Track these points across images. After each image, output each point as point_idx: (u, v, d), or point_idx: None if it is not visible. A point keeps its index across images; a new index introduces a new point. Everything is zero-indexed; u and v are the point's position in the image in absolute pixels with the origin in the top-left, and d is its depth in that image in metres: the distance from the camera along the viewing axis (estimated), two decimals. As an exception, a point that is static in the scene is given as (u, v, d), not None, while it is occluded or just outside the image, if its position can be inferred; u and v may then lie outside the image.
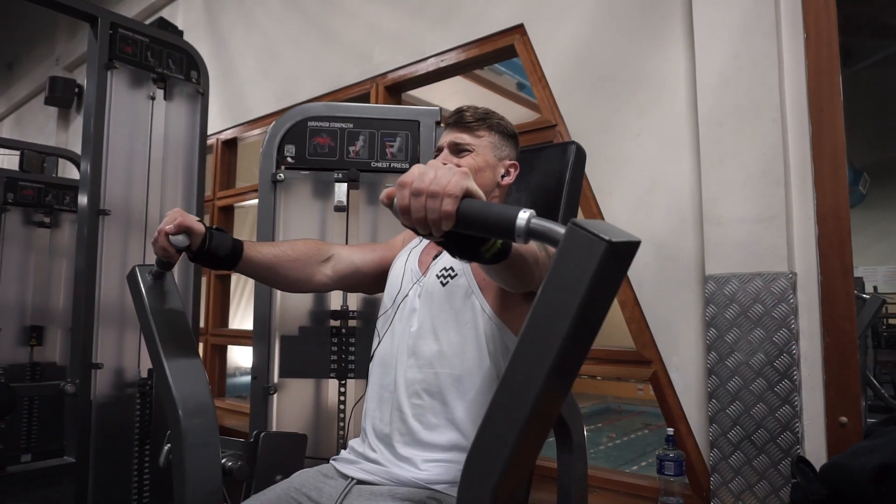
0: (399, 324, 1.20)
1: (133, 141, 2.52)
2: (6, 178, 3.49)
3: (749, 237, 1.65)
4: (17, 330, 3.53)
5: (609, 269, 0.57)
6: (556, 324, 0.58)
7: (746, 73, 1.69)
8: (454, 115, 1.29)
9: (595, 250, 0.55)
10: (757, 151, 1.65)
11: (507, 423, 0.62)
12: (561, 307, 0.58)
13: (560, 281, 0.58)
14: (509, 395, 0.63)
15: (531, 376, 0.60)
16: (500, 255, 0.75)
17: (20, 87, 6.43)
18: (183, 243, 1.10)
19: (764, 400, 1.59)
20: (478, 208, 0.68)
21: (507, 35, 2.35)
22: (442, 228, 0.68)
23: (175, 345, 1.16)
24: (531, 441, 0.65)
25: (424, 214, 0.68)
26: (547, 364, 0.59)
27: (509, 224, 0.64)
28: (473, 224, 0.68)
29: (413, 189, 0.68)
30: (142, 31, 2.53)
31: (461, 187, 0.68)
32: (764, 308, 1.60)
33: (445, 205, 0.67)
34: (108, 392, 2.36)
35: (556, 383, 0.61)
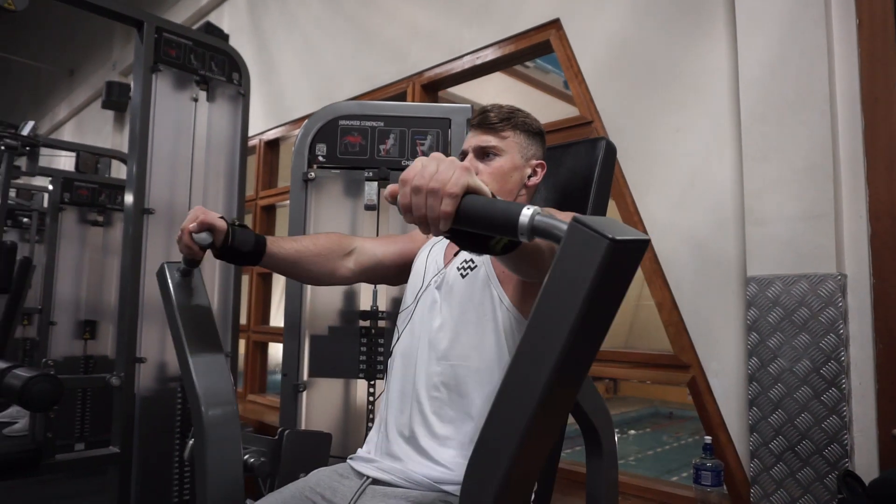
0: (419, 317, 1.19)
1: (177, 142, 2.58)
2: (63, 178, 3.65)
3: (794, 236, 1.56)
4: (72, 324, 3.69)
5: (613, 268, 0.53)
6: (559, 325, 0.56)
7: (793, 64, 1.60)
8: (478, 116, 1.27)
9: (597, 249, 0.53)
10: (804, 146, 1.56)
11: (509, 425, 0.60)
12: (563, 308, 0.55)
13: (562, 281, 0.56)
14: (510, 397, 0.61)
15: (533, 378, 0.58)
16: (511, 246, 0.72)
17: (80, 92, 6.74)
18: (206, 240, 1.10)
19: (809, 409, 1.50)
20: (480, 206, 0.66)
21: (543, 30, 2.30)
22: (441, 228, 0.67)
23: (200, 340, 1.17)
24: (536, 442, 0.62)
25: (425, 212, 0.67)
26: (549, 366, 0.57)
27: (512, 222, 0.62)
28: (475, 222, 0.66)
29: (413, 186, 0.67)
30: (185, 34, 2.59)
31: (461, 185, 0.66)
32: (810, 312, 1.52)
33: (445, 205, 0.65)
34: (151, 385, 2.42)
35: (560, 385, 0.59)
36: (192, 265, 1.18)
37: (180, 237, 1.12)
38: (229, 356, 2.66)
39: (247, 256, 1.18)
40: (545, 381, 0.57)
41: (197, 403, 1.11)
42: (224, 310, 2.70)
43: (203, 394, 1.12)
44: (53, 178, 3.65)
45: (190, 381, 1.13)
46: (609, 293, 0.56)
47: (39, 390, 2.11)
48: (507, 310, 1.10)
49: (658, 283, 1.87)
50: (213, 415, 1.13)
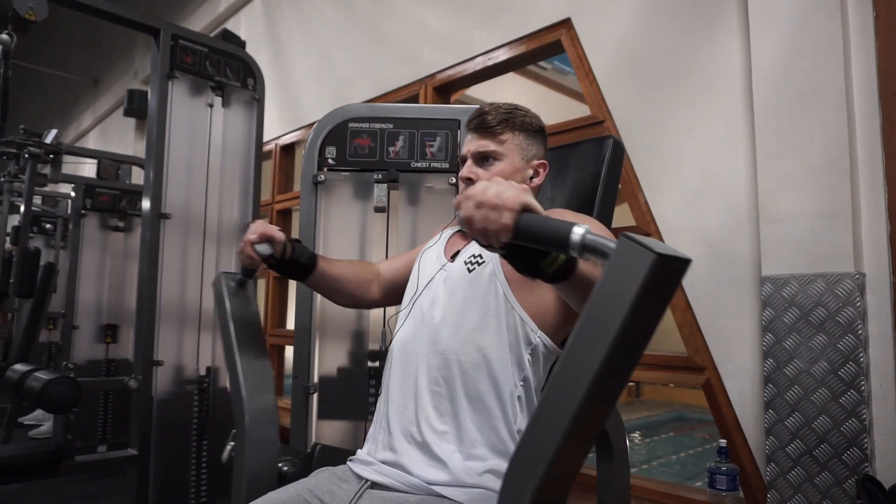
0: (421, 311, 1.18)
1: (192, 147, 2.61)
2: (85, 185, 3.73)
3: (810, 235, 1.52)
4: (94, 328, 3.76)
5: (657, 283, 0.56)
6: (602, 335, 0.58)
7: (807, 58, 1.56)
8: (476, 119, 1.24)
9: (643, 262, 0.56)
10: (819, 142, 1.53)
11: (548, 433, 0.62)
12: (608, 318, 0.58)
13: (608, 292, 0.58)
14: (552, 405, 0.62)
15: (575, 386, 0.60)
16: (562, 274, 0.77)
17: (104, 101, 6.88)
18: (266, 251, 1.17)
19: (827, 412, 1.46)
20: (535, 221, 0.72)
21: (554, 30, 2.29)
22: (501, 239, 0.73)
23: (250, 349, 1.22)
24: (573, 453, 0.64)
25: (485, 225, 0.73)
26: (591, 374, 0.59)
27: (564, 237, 0.66)
28: (530, 236, 0.71)
29: (476, 201, 0.74)
30: (201, 41, 2.63)
31: (520, 202, 0.72)
32: (827, 312, 1.48)
33: (504, 217, 0.71)
34: (169, 388, 2.45)
35: (600, 395, 0.60)
36: (248, 276, 1.25)
37: (242, 248, 1.18)
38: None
39: (302, 269, 1.26)
40: (586, 389, 0.59)
41: (241, 410, 1.15)
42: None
43: (248, 401, 1.15)
44: (76, 185, 3.73)
45: (237, 387, 1.17)
46: (651, 307, 0.59)
47: (59, 393, 2.16)
48: (513, 308, 1.09)
49: (671, 283, 1.83)
50: (256, 423, 1.16)
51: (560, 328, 1.12)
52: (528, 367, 1.08)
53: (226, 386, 2.63)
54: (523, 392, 1.08)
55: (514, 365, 1.08)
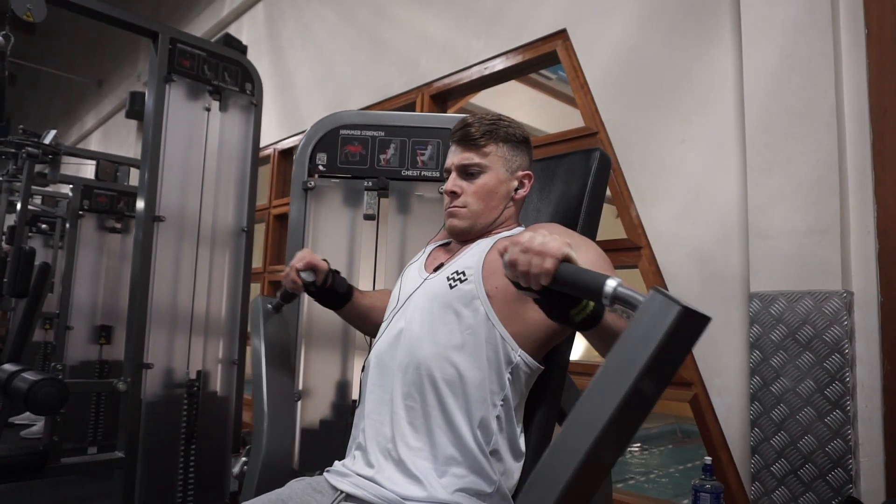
0: (399, 323, 1.17)
1: (189, 150, 2.60)
2: (83, 186, 3.73)
3: (798, 251, 1.51)
4: (88, 329, 3.75)
5: (680, 333, 0.60)
6: (622, 378, 0.61)
7: (798, 74, 1.56)
8: (459, 131, 1.23)
9: (670, 312, 0.60)
10: (809, 158, 1.52)
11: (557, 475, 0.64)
12: (629, 363, 0.61)
13: (634, 338, 0.62)
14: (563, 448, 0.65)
15: (589, 428, 0.62)
16: (589, 322, 0.83)
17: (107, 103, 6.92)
18: (310, 279, 1.26)
19: (812, 431, 1.44)
20: (573, 270, 0.78)
21: (549, 41, 2.29)
22: (540, 282, 0.79)
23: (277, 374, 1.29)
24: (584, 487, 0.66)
25: (528, 269, 0.79)
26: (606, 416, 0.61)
27: (598, 286, 0.72)
28: (567, 283, 0.78)
29: (523, 247, 0.81)
30: (199, 45, 2.63)
31: (563, 252, 0.78)
32: (814, 330, 1.46)
33: (547, 262, 0.78)
34: (158, 391, 2.44)
35: (612, 438, 0.63)
36: (287, 300, 1.34)
37: (287, 273, 1.26)
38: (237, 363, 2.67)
39: (339, 298, 1.33)
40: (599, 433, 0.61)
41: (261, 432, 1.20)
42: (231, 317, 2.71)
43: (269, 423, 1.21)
44: (74, 186, 3.73)
45: (260, 409, 1.25)
46: (670, 358, 0.61)
47: (45, 394, 2.14)
48: (493, 326, 1.08)
49: (661, 297, 1.82)
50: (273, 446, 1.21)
51: (541, 346, 1.11)
52: (507, 386, 1.07)
53: (216, 390, 2.62)
54: (502, 412, 1.07)
55: (493, 384, 1.07)
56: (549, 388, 1.19)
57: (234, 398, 2.66)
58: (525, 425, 1.16)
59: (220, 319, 2.66)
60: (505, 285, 1.05)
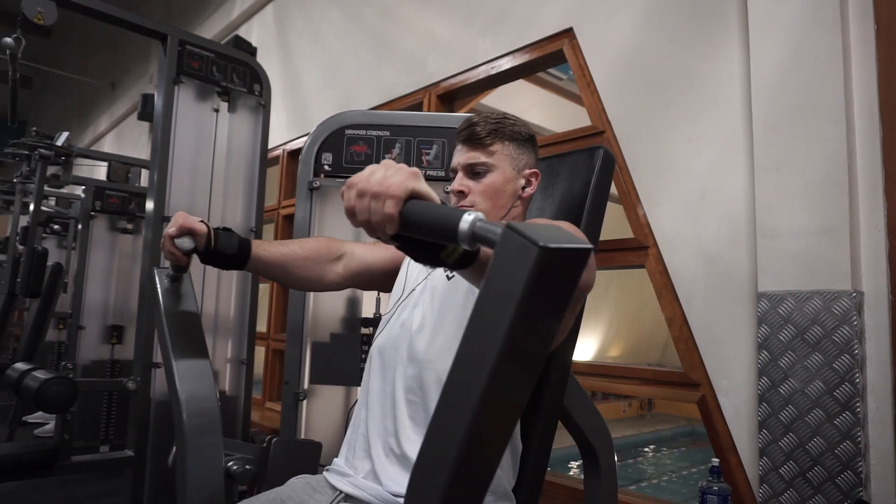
0: (401, 317, 1.17)
1: (197, 151, 2.62)
2: (94, 187, 3.77)
3: (807, 251, 1.49)
4: (100, 329, 3.78)
5: (546, 276, 0.51)
6: (492, 334, 0.53)
7: (806, 71, 1.53)
8: (465, 130, 1.21)
9: (528, 256, 0.50)
10: (817, 156, 1.50)
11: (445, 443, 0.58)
12: (496, 316, 0.53)
13: (495, 288, 0.53)
14: (445, 413, 0.58)
15: (466, 395, 0.55)
16: (466, 260, 0.67)
17: (120, 105, 6.99)
18: (187, 245, 1.11)
19: (821, 433, 1.42)
20: (420, 211, 0.64)
21: (556, 40, 2.27)
22: (387, 231, 0.66)
23: (185, 347, 1.17)
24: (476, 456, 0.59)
25: (368, 217, 0.66)
26: (481, 383, 0.54)
27: (453, 227, 0.59)
28: (417, 227, 0.64)
29: (358, 189, 0.67)
30: (208, 47, 2.64)
31: (405, 188, 0.64)
32: (823, 330, 1.44)
33: (387, 206, 0.64)
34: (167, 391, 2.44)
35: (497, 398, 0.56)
36: (179, 271, 1.19)
37: (163, 243, 1.12)
38: (245, 363, 2.68)
39: (231, 259, 1.17)
40: (480, 392, 0.54)
41: (179, 410, 1.11)
42: (240, 317, 2.73)
43: (185, 400, 1.11)
44: (86, 187, 3.77)
45: (173, 387, 1.13)
46: (544, 301, 0.53)
47: (55, 392, 2.17)
48: None
49: (668, 297, 1.81)
50: (195, 421, 1.12)
51: None
52: None
53: (225, 389, 2.63)
54: None
55: None
56: (551, 386, 1.18)
57: (242, 397, 2.67)
58: (527, 424, 1.16)
59: (228, 319, 2.67)
60: None
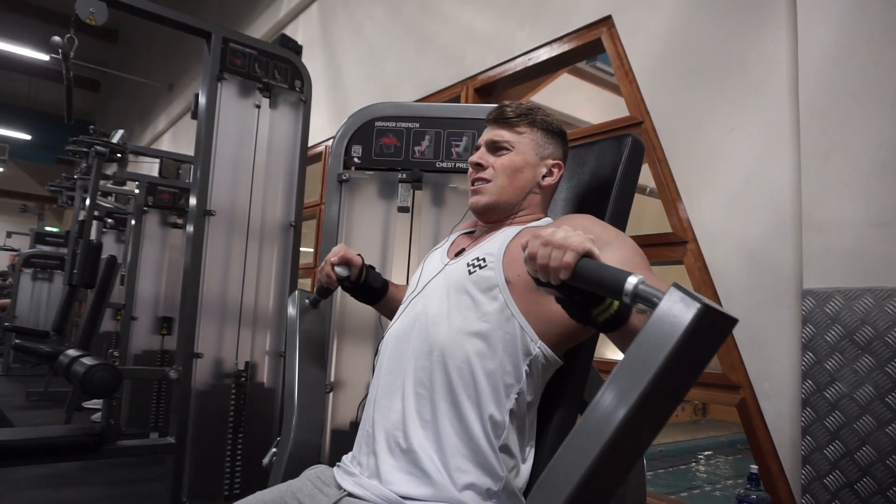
0: (416, 307, 1.14)
1: (239, 147, 2.67)
2: (147, 183, 3.91)
3: (858, 245, 1.38)
4: (151, 320, 3.93)
5: (700, 333, 0.57)
6: (638, 378, 0.58)
7: (861, 52, 1.42)
8: (495, 111, 1.23)
9: (689, 311, 0.57)
10: (871, 143, 1.39)
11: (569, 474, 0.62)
12: (646, 363, 0.58)
13: (652, 335, 0.59)
14: (576, 447, 0.63)
15: (603, 428, 0.60)
16: (613, 323, 0.79)
17: (177, 105, 7.26)
18: (344, 273, 1.26)
19: (871, 442, 1.32)
20: (594, 265, 0.74)
21: (594, 28, 2.20)
22: (560, 277, 0.76)
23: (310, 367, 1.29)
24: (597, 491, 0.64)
25: (548, 262, 0.77)
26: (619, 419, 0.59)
27: (619, 283, 0.67)
28: (587, 278, 0.74)
29: (544, 240, 0.78)
30: (250, 44, 2.69)
31: (584, 247, 0.75)
32: (874, 331, 1.33)
33: (567, 256, 0.75)
34: (207, 380, 2.51)
35: (627, 440, 0.61)
36: (324, 295, 1.33)
37: (322, 268, 1.26)
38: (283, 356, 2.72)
39: (374, 293, 1.33)
40: (612, 434, 0.59)
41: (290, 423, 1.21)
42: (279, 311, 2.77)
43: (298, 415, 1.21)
44: (139, 183, 3.92)
45: (291, 401, 1.24)
46: (691, 359, 0.58)
47: (99, 378, 2.25)
48: (512, 315, 1.03)
49: (707, 294, 1.72)
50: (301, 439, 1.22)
51: (563, 340, 1.06)
52: (524, 378, 1.03)
53: (263, 381, 2.68)
54: (516, 405, 1.02)
55: (509, 375, 1.02)
56: (571, 382, 1.13)
57: (280, 389, 2.71)
58: (544, 420, 1.11)
59: (267, 312, 2.71)
60: (526, 274, 1.00)
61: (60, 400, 4.81)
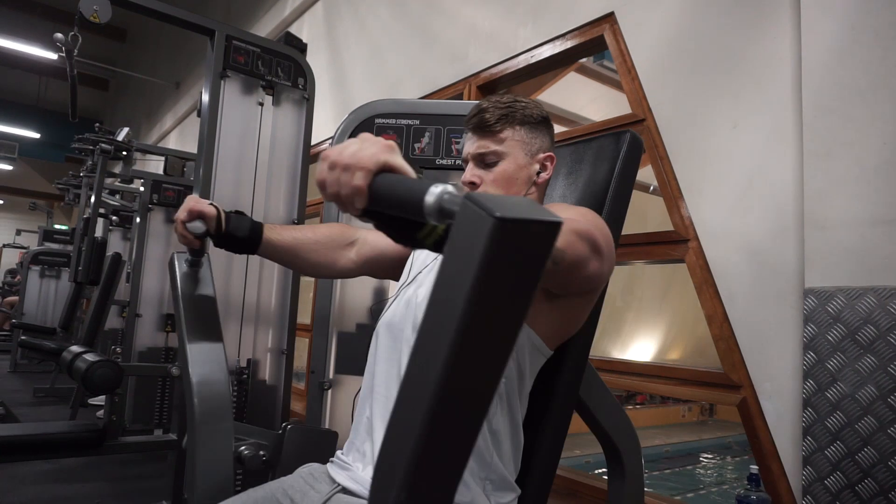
0: (407, 295, 1.12)
1: (242, 144, 2.67)
2: (152, 181, 3.92)
3: (861, 244, 1.36)
4: (156, 317, 3.94)
5: (505, 251, 0.46)
6: (449, 314, 0.49)
7: (865, 48, 1.40)
8: (474, 118, 1.15)
9: (482, 228, 0.46)
10: (875, 140, 1.37)
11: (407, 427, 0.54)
12: (452, 296, 0.49)
13: (452, 265, 0.50)
14: (406, 401, 0.55)
15: (425, 381, 0.52)
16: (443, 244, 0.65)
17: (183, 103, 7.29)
18: (199, 229, 1.12)
19: (873, 443, 1.30)
20: (389, 183, 0.61)
21: (597, 25, 2.19)
22: (356, 205, 0.64)
23: (200, 331, 1.18)
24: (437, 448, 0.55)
25: (338, 189, 0.64)
26: (437, 368, 0.50)
27: (418, 200, 0.55)
28: (385, 201, 0.62)
29: (330, 161, 0.65)
30: (253, 41, 2.69)
31: (376, 161, 0.62)
32: (877, 331, 1.31)
33: (356, 178, 0.62)
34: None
35: (458, 383, 0.52)
36: (196, 255, 1.20)
37: (175, 228, 1.13)
38: (286, 353, 2.71)
39: (243, 243, 1.17)
40: (438, 379, 0.51)
41: (190, 393, 1.12)
42: (281, 307, 2.77)
43: (196, 383, 1.12)
44: (144, 181, 3.93)
45: (186, 370, 1.14)
46: (505, 279, 0.48)
47: (101, 374, 2.26)
48: None
49: (709, 293, 1.70)
50: (206, 405, 1.13)
51: (554, 330, 1.04)
52: (512, 364, 1.01)
53: (265, 378, 2.68)
54: (504, 390, 1.01)
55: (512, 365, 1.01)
56: (565, 376, 1.12)
57: (282, 387, 2.70)
58: (539, 414, 1.11)
59: (269, 309, 2.71)
60: None
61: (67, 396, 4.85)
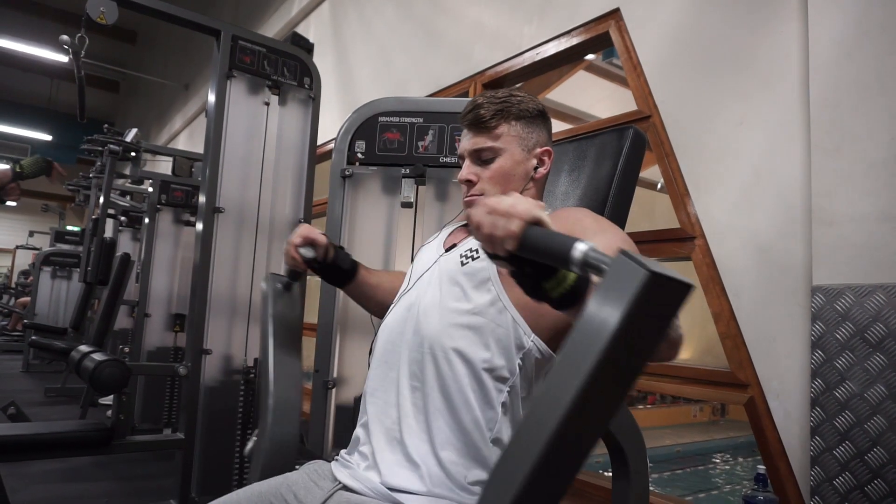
0: (409, 300, 1.13)
1: (249, 144, 2.68)
2: (161, 181, 3.94)
3: (869, 240, 1.34)
4: (164, 317, 3.96)
5: (650, 303, 0.53)
6: (587, 353, 0.54)
7: (872, 42, 1.38)
8: (469, 114, 1.15)
9: (635, 279, 0.53)
10: (883, 136, 1.34)
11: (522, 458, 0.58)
12: (595, 336, 0.54)
13: (598, 308, 0.55)
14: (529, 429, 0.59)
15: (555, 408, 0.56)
16: (570, 299, 0.73)
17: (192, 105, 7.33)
18: (309, 255, 1.20)
19: (883, 443, 1.28)
20: (542, 233, 0.70)
21: (602, 21, 2.17)
22: (506, 247, 0.71)
23: (285, 350, 1.24)
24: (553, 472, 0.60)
25: (493, 231, 0.72)
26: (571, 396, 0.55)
27: (565, 251, 0.63)
28: (534, 247, 0.70)
29: (490, 208, 0.74)
30: (259, 42, 2.69)
31: (532, 214, 0.71)
32: (886, 329, 1.29)
33: (512, 224, 0.71)
34: (216, 376, 2.52)
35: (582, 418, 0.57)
36: (294, 278, 1.29)
37: (286, 250, 1.21)
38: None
39: (343, 275, 1.28)
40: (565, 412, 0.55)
41: (266, 407, 1.17)
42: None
43: (274, 398, 1.17)
44: (152, 181, 3.96)
45: (266, 385, 1.20)
46: (642, 329, 0.55)
47: (108, 374, 2.27)
48: (505, 307, 1.02)
49: (715, 291, 1.68)
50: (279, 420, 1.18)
51: (558, 332, 1.04)
52: (517, 372, 1.01)
53: (271, 378, 2.69)
54: (508, 398, 1.01)
55: (502, 369, 1.01)
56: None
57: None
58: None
59: (276, 309, 2.72)
60: None
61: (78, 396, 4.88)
